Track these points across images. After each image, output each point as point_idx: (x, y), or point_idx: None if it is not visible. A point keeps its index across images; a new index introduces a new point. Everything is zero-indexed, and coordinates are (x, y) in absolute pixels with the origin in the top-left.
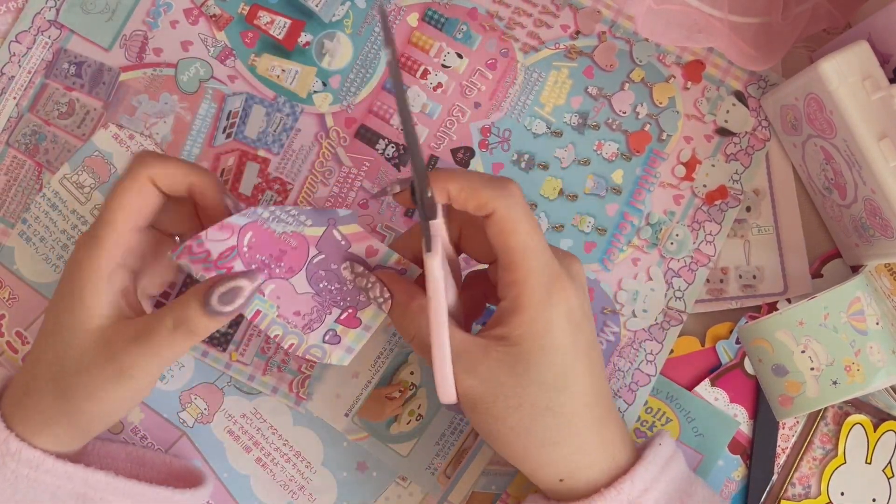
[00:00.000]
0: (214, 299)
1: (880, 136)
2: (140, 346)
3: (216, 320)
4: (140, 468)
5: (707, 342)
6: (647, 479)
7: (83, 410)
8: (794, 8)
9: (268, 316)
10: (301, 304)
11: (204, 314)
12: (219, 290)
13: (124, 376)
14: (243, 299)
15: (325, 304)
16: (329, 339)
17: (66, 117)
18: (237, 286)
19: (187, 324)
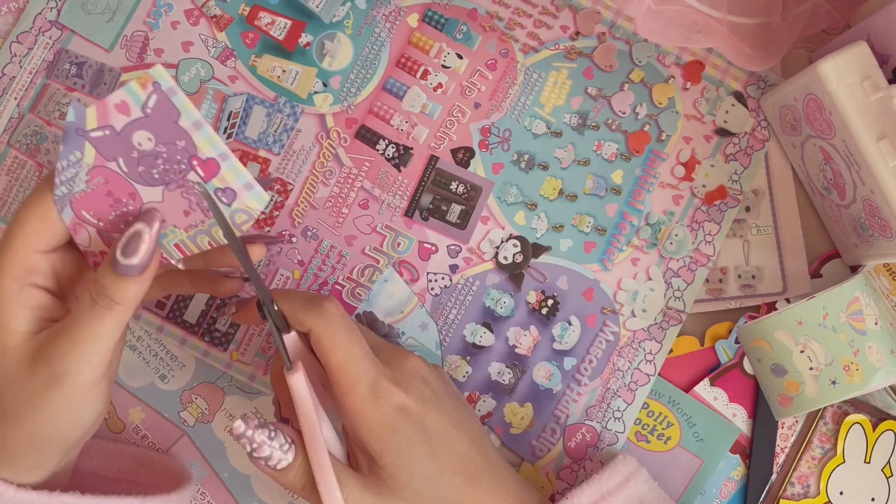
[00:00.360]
0: (118, 254)
1: (879, 136)
2: (66, 337)
3: (132, 279)
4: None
5: (706, 342)
6: None
7: (29, 428)
8: (793, 8)
9: (184, 240)
10: (176, 204)
11: (116, 276)
12: (119, 243)
13: (57, 375)
14: (147, 243)
15: (181, 182)
16: (224, 198)
17: None
18: (135, 231)
19: (103, 292)
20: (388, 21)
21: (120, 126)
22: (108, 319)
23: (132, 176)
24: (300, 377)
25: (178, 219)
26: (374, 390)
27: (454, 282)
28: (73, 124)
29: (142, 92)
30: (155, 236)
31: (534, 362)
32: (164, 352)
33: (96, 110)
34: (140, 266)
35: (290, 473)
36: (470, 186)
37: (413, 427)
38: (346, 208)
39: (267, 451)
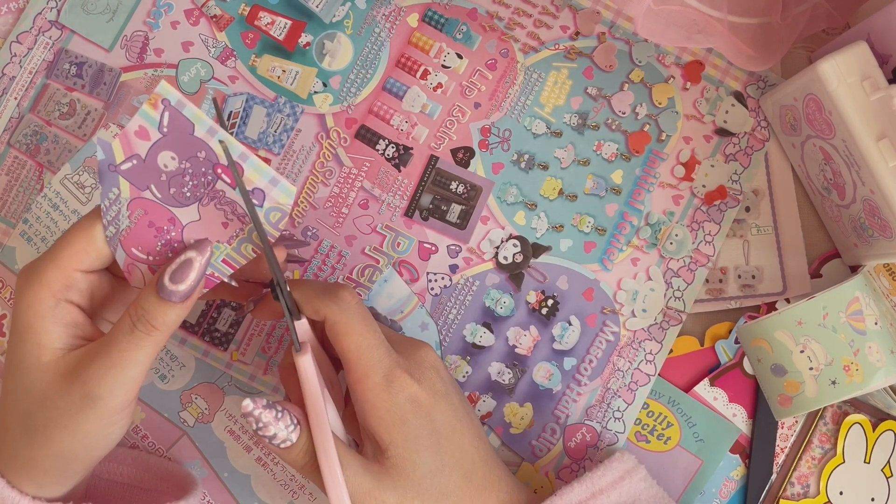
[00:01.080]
0: (166, 279)
1: (879, 136)
2: (102, 360)
3: (174, 305)
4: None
5: (706, 342)
6: None
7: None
8: (793, 8)
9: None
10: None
11: (159, 300)
12: (169, 268)
13: (91, 397)
14: (196, 272)
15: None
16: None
17: (67, 118)
18: (186, 259)
19: (145, 317)
20: (388, 21)
21: (144, 152)
22: (146, 345)
23: (167, 200)
24: (308, 359)
25: (219, 233)
26: (388, 380)
27: (454, 282)
28: (104, 162)
29: (154, 112)
30: (205, 265)
31: (534, 362)
32: (164, 352)
33: (121, 143)
34: (186, 293)
35: (294, 452)
36: (470, 186)
37: (423, 419)
38: (346, 208)
39: (272, 430)
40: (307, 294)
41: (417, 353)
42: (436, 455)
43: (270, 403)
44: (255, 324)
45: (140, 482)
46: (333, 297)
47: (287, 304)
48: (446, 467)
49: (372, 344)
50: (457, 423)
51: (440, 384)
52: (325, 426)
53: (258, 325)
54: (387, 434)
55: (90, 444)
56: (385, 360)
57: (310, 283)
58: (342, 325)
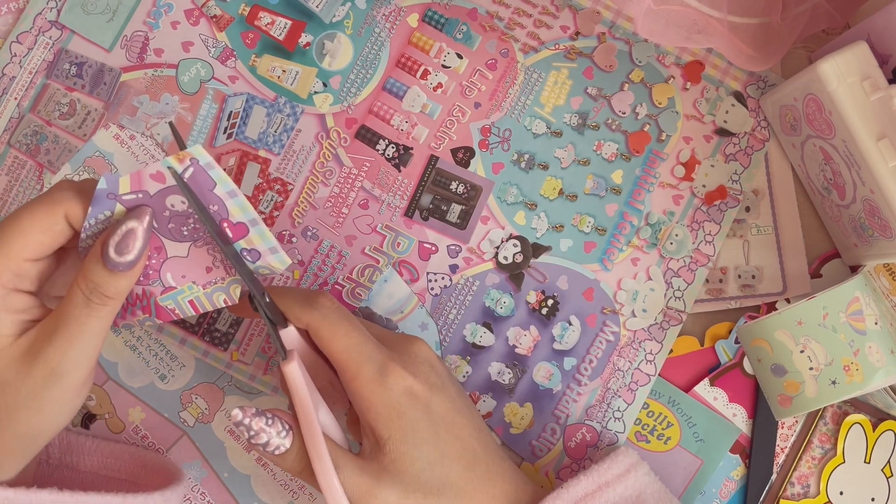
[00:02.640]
0: (111, 251)
1: (879, 136)
2: (62, 336)
3: (124, 275)
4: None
5: (706, 342)
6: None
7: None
8: (793, 8)
9: (200, 296)
10: (201, 261)
11: (108, 272)
12: (112, 240)
13: (57, 374)
14: (140, 241)
15: (209, 240)
16: (249, 256)
17: (67, 118)
18: (128, 228)
19: (97, 289)
20: (388, 21)
21: (154, 191)
22: (102, 315)
23: (161, 231)
24: (294, 366)
25: (199, 275)
26: (382, 373)
27: (454, 282)
28: (104, 190)
29: (178, 166)
30: (147, 231)
31: (534, 362)
32: (164, 352)
33: (129, 178)
34: (133, 262)
35: (289, 458)
36: (470, 186)
37: (419, 411)
38: (346, 208)
39: (264, 437)
40: (287, 303)
41: (411, 348)
42: (434, 447)
43: (260, 411)
44: (255, 324)
45: (135, 477)
46: (312, 304)
47: (267, 315)
48: (446, 458)
49: (358, 341)
50: (455, 416)
51: (435, 377)
52: (315, 431)
53: (258, 325)
54: (385, 429)
55: (55, 419)
56: (375, 355)
57: (289, 291)
58: (325, 329)
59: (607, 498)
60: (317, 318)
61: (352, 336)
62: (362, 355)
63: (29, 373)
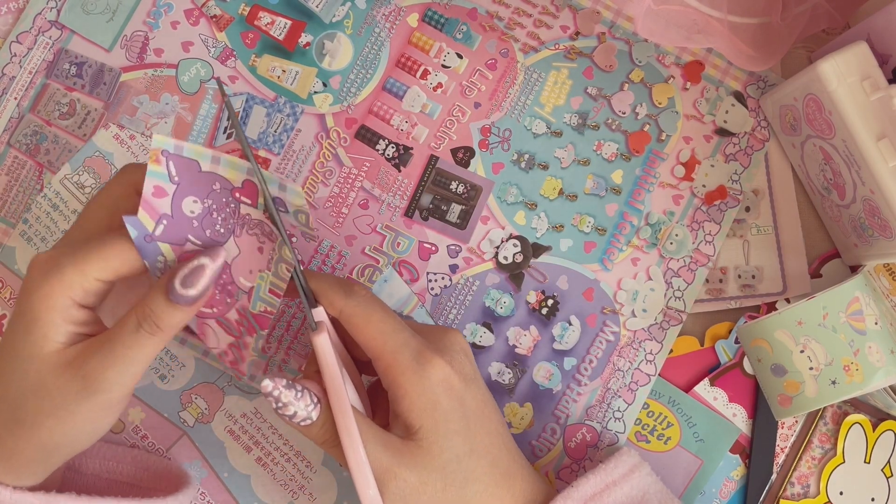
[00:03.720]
0: (177, 283)
1: (879, 136)
2: (105, 354)
3: (181, 309)
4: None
5: (706, 342)
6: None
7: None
8: (793, 8)
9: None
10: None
11: (168, 303)
12: (181, 273)
13: (91, 389)
14: (207, 279)
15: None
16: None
17: (66, 118)
18: (199, 265)
19: (151, 318)
20: (388, 21)
21: (169, 208)
22: (149, 345)
23: (207, 244)
24: (325, 337)
25: (258, 261)
26: (418, 361)
27: (454, 282)
28: (139, 237)
29: (160, 167)
30: (216, 271)
31: (534, 362)
32: (164, 352)
33: (145, 211)
34: (195, 298)
35: (314, 429)
36: (470, 186)
37: (454, 402)
38: (346, 208)
39: (292, 409)
40: (322, 286)
41: (447, 337)
42: (465, 440)
43: (290, 383)
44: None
45: (138, 480)
46: (348, 291)
47: (302, 285)
48: (475, 453)
49: (394, 328)
50: (485, 408)
51: (470, 368)
52: (344, 402)
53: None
54: (418, 419)
55: (77, 436)
56: (412, 342)
57: (325, 276)
58: (358, 315)
59: (615, 497)
60: (351, 304)
61: (387, 322)
62: (398, 342)
63: (66, 382)
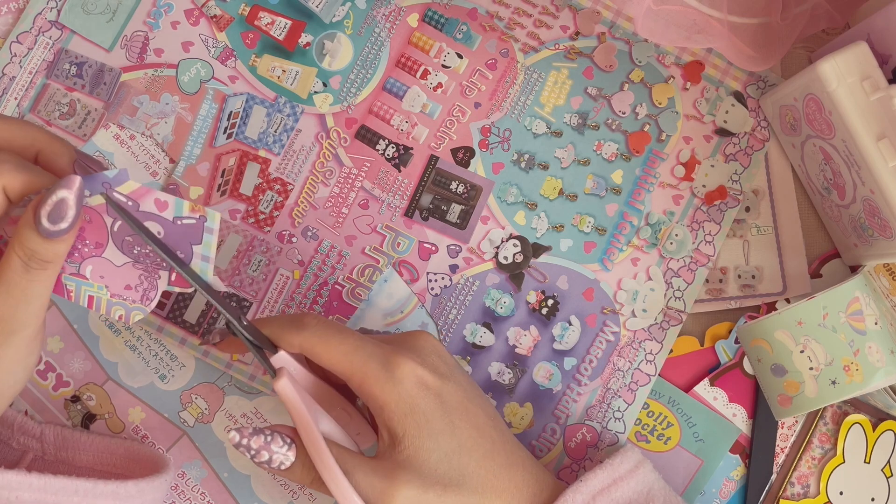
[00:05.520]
0: (44, 220)
1: (879, 136)
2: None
3: (61, 241)
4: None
5: (706, 342)
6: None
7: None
8: (793, 8)
9: (102, 299)
10: (127, 277)
11: (44, 240)
12: (44, 210)
13: (7, 332)
14: (73, 209)
15: (150, 268)
16: None
17: (67, 118)
18: (59, 198)
19: (35, 256)
20: (388, 21)
21: (144, 208)
22: (45, 278)
23: (115, 237)
24: (284, 382)
25: (115, 285)
26: (388, 368)
27: (454, 282)
28: (105, 178)
29: (185, 210)
30: (79, 197)
31: (534, 362)
32: (164, 352)
33: (138, 188)
34: (68, 230)
35: (297, 471)
36: (470, 186)
37: (432, 402)
38: (346, 208)
39: (266, 455)
40: (274, 331)
41: (416, 341)
42: (451, 437)
43: (258, 429)
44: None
45: (130, 472)
46: (299, 325)
47: (247, 337)
48: (463, 448)
49: (355, 345)
50: (468, 404)
51: (443, 366)
52: (317, 440)
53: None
54: (399, 426)
55: (9, 379)
56: (376, 353)
57: (273, 319)
58: (316, 345)
59: (622, 492)
60: (307, 337)
61: (346, 342)
62: (363, 357)
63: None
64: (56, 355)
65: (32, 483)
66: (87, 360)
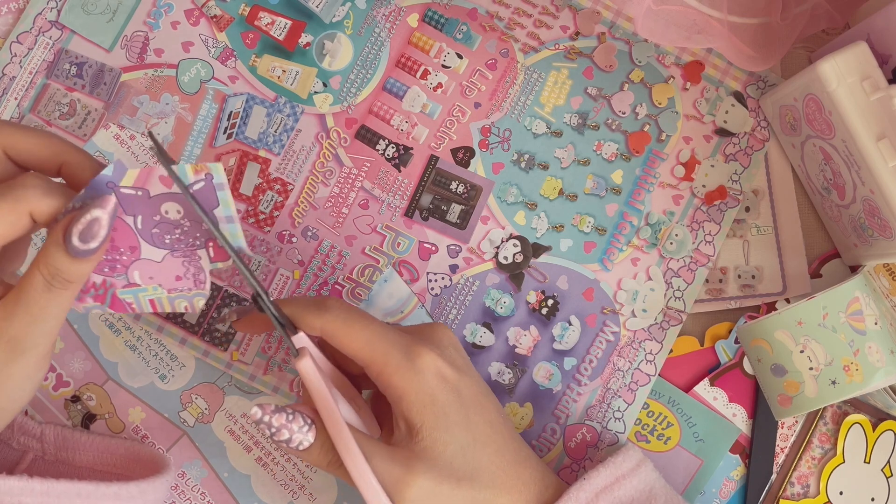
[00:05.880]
0: (75, 239)
1: (879, 136)
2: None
3: (87, 261)
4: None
5: (706, 342)
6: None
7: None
8: (793, 8)
9: (162, 298)
10: (173, 269)
11: (70, 259)
12: (76, 228)
13: (19, 351)
14: (105, 229)
15: (188, 253)
16: None
17: (67, 118)
18: (93, 218)
19: (59, 275)
20: (388, 21)
21: (154, 192)
22: (65, 298)
23: (143, 234)
24: (307, 361)
25: (166, 280)
26: (409, 358)
27: (454, 282)
28: (107, 177)
29: (192, 176)
30: (111, 219)
31: (534, 362)
32: (164, 352)
33: (138, 173)
34: (96, 250)
35: (314, 452)
36: (470, 186)
37: (450, 394)
38: (346, 208)
39: (286, 434)
40: (296, 311)
41: (434, 333)
42: (466, 431)
43: (280, 408)
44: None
45: (130, 472)
46: (322, 308)
47: (274, 313)
48: (478, 443)
49: (377, 332)
50: (482, 399)
51: (460, 360)
52: (339, 422)
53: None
54: (418, 416)
55: (17, 396)
56: (398, 342)
57: (296, 300)
58: (339, 329)
59: (625, 490)
60: (329, 320)
61: (370, 328)
62: (386, 343)
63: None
64: (56, 355)
65: (35, 488)
66: (87, 360)
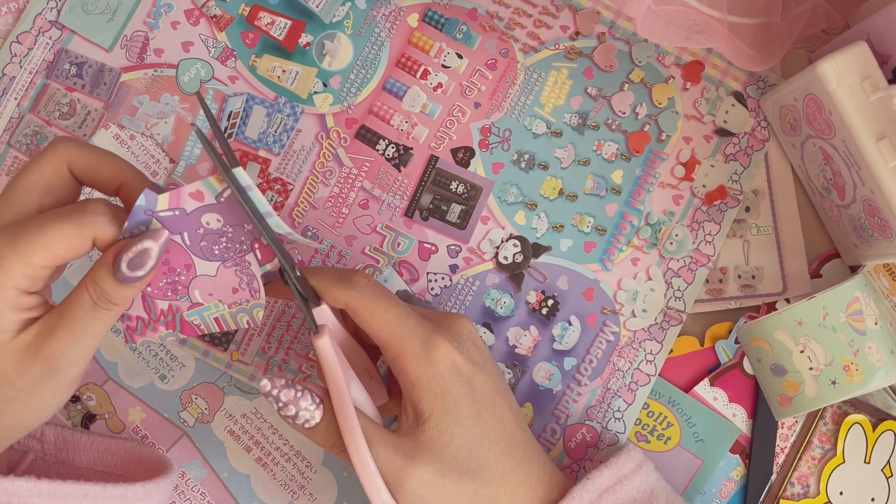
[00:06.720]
0: (124, 266)
1: (879, 136)
2: (63, 334)
3: (132, 287)
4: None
5: (706, 342)
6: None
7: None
8: (793, 8)
9: (225, 315)
10: (228, 281)
11: (118, 283)
12: (126, 256)
13: (55, 370)
14: (153, 260)
15: (238, 261)
16: None
17: (67, 118)
18: (143, 248)
19: (105, 297)
20: (388, 21)
21: (190, 209)
22: (107, 319)
23: (193, 249)
24: (325, 340)
25: (225, 294)
26: (426, 347)
27: (454, 282)
28: (142, 207)
29: (218, 185)
30: (161, 252)
31: (534, 362)
32: (164, 352)
33: (169, 196)
34: (142, 278)
35: (319, 432)
36: (470, 186)
37: (463, 388)
38: (346, 208)
39: (293, 409)
40: (322, 282)
41: (454, 325)
42: (475, 426)
43: (289, 383)
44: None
45: (131, 473)
46: (348, 282)
47: (298, 288)
48: (486, 440)
49: (400, 316)
50: (496, 396)
51: (478, 355)
52: (347, 405)
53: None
54: (427, 405)
55: (43, 413)
56: (418, 330)
57: (324, 270)
58: (363, 307)
59: (626, 491)
60: (354, 296)
61: (392, 311)
62: (405, 329)
63: (28, 367)
64: None
65: (42, 489)
66: None
